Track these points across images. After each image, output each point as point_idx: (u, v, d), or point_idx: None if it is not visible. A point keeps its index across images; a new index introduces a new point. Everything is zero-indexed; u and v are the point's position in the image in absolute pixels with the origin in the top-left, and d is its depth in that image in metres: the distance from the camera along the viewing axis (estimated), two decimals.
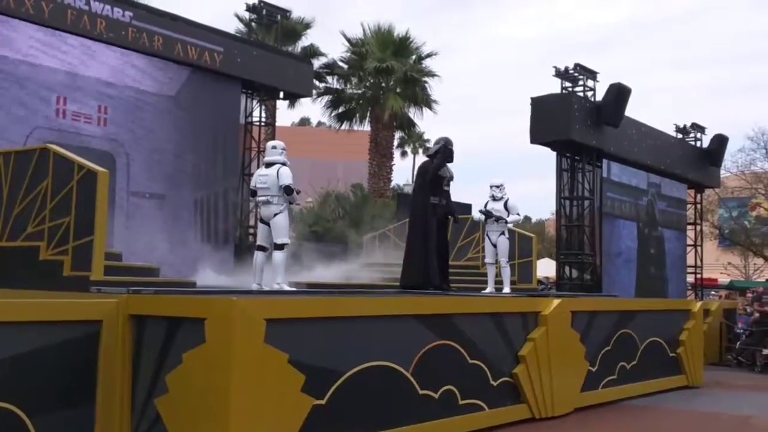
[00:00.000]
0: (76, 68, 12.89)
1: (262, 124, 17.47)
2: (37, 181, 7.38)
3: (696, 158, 21.75)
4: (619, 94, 16.94)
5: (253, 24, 18.47)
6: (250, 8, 17.46)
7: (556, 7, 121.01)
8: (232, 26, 25.43)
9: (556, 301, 8.98)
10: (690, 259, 22.25)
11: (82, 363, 5.58)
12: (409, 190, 39.37)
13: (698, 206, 23.27)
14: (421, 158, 46.58)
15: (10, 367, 5.05)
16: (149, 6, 15.06)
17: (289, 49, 25.33)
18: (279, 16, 17.98)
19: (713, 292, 28.14)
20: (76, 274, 6.89)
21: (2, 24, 11.98)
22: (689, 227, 22.56)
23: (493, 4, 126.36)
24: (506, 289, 11.20)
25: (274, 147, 8.98)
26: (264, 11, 17.42)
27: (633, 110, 18.16)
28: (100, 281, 6.75)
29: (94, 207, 6.87)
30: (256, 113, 17.09)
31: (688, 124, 22.09)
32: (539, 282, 18.75)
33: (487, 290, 11.21)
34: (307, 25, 27.66)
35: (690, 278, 22.60)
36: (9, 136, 11.78)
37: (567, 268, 17.84)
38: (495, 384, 7.91)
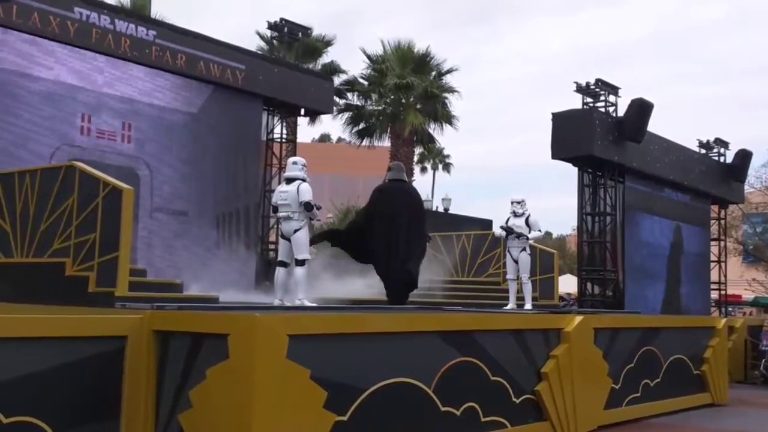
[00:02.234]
0: (101, 86, 13.05)
1: (283, 140, 17.57)
2: (63, 198, 7.47)
3: (719, 174, 21.58)
4: (641, 109, 16.88)
5: (274, 42, 18.61)
6: (271, 26, 17.60)
7: (578, 21, 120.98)
8: (254, 44, 25.65)
9: (578, 318, 8.94)
10: (714, 276, 22.04)
11: (108, 378, 5.62)
12: (429, 206, 39.38)
13: (722, 222, 23.06)
14: (442, 174, 46.73)
15: (37, 382, 5.11)
16: (173, 24, 15.22)
17: (310, 66, 25.48)
18: (300, 34, 18.10)
19: (737, 309, 27.81)
20: (102, 290, 6.95)
21: (28, 43, 12.17)
22: (713, 243, 22.35)
23: (515, 18, 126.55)
24: (528, 306, 11.16)
25: (294, 163, 9.05)
26: (285, 29, 17.56)
27: (655, 125, 18.09)
28: (124, 297, 6.80)
29: (119, 224, 6.94)
30: (277, 130, 17.19)
31: (712, 139, 21.94)
32: (561, 298, 18.64)
33: (509, 307, 11.18)
34: (328, 43, 27.82)
35: (714, 295, 22.37)
36: (35, 153, 11.93)
37: (589, 285, 17.74)
38: (517, 401, 7.87)
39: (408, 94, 28.41)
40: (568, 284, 24.36)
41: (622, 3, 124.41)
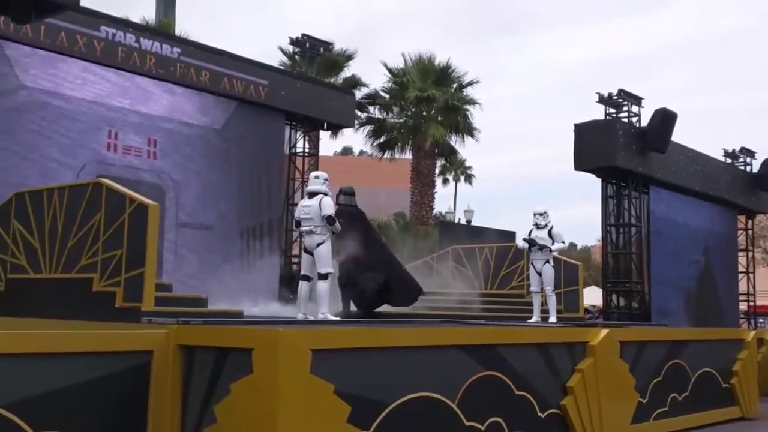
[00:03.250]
0: (127, 103, 13.24)
1: (306, 154, 17.69)
2: (91, 214, 7.57)
3: (746, 183, 21.37)
4: (664, 119, 16.79)
5: (296, 57, 18.78)
6: (293, 42, 17.76)
7: (601, 30, 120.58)
8: (276, 59, 25.88)
9: (604, 331, 8.86)
10: (742, 287, 21.78)
11: (134, 393, 5.67)
12: (451, 218, 39.32)
13: (749, 232, 22.81)
14: (464, 186, 46.63)
15: (65, 397, 5.17)
16: (197, 42, 15.42)
17: (332, 80, 25.64)
18: (321, 49, 18.26)
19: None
20: (128, 305, 7.03)
21: (56, 61, 12.38)
22: (741, 254, 22.11)
23: (537, 29, 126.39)
24: (552, 319, 11.10)
25: (317, 177, 9.11)
26: (307, 44, 17.71)
27: (680, 135, 18.00)
28: (151, 312, 6.87)
29: (145, 239, 7.01)
30: (299, 144, 17.33)
31: (737, 149, 21.74)
32: (586, 311, 18.52)
33: (533, 320, 11.13)
34: (349, 57, 27.97)
35: (742, 306, 22.10)
36: (63, 170, 12.13)
37: (614, 297, 17.61)
38: (542, 416, 7.81)
39: (429, 107, 28.48)
40: (593, 296, 24.18)
41: (646, 12, 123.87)
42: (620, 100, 17.25)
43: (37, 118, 12.17)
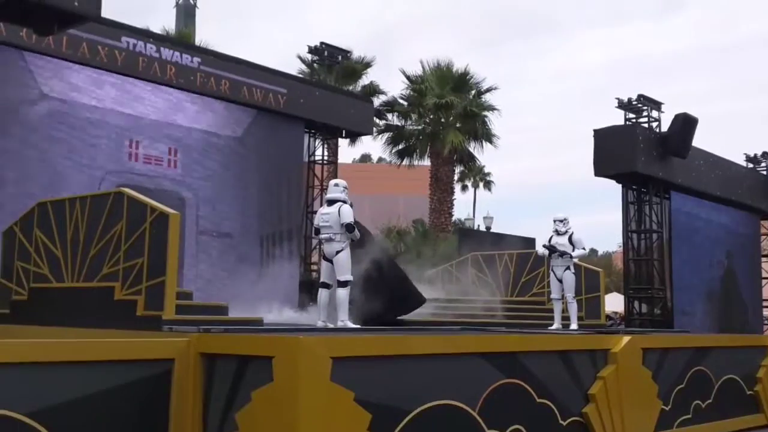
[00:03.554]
0: (147, 113, 13.35)
1: (325, 162, 17.74)
2: (112, 223, 7.62)
3: None
4: (685, 124, 16.67)
5: (315, 65, 18.84)
6: (312, 50, 17.84)
7: (620, 34, 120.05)
8: (295, 67, 26.01)
9: (626, 338, 8.80)
10: (766, 293, 21.55)
11: (155, 401, 5.71)
12: (471, 224, 39.22)
13: None
14: (483, 192, 46.53)
15: (86, 405, 5.21)
16: (216, 51, 15.52)
17: (350, 88, 25.71)
18: (340, 57, 18.31)
19: None
20: (149, 313, 7.06)
21: (77, 72, 12.50)
22: (764, 259, 21.88)
23: (555, 33, 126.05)
24: (573, 326, 11.05)
25: (336, 185, 9.13)
26: (325, 52, 17.77)
27: (701, 140, 17.86)
28: (172, 320, 6.90)
29: (166, 248, 7.05)
30: (318, 152, 17.38)
31: (759, 153, 21.54)
32: (608, 317, 18.39)
33: (554, 327, 11.08)
34: (368, 65, 28.05)
35: (766, 312, 21.86)
36: (84, 180, 12.23)
37: (636, 303, 17.49)
38: (564, 423, 7.76)
39: (447, 114, 28.48)
40: (614, 303, 24.02)
41: (664, 16, 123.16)
42: (640, 105, 17.16)
43: (59, 127, 12.29)
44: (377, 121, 27.33)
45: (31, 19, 8.66)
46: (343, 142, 22.79)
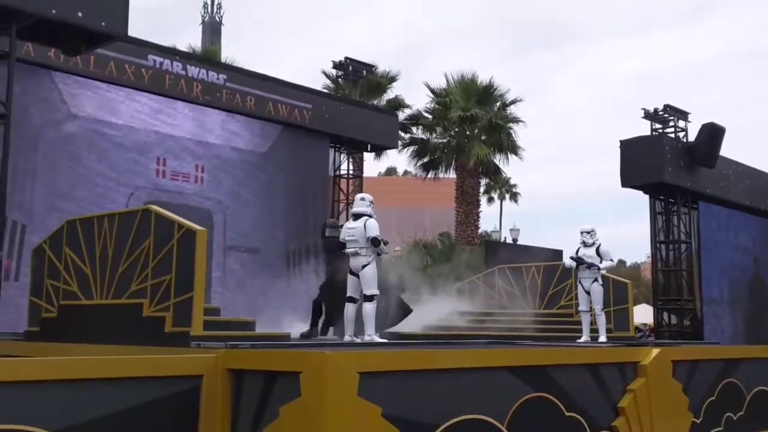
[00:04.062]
0: (175, 130, 13.50)
1: (350, 176, 17.80)
2: (140, 240, 7.69)
3: None
4: (712, 133, 16.53)
5: (339, 80, 18.95)
6: (336, 65, 17.96)
7: (647, 42, 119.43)
8: (320, 83, 26.14)
9: (655, 351, 8.71)
10: None
11: (184, 417, 5.73)
12: (497, 236, 39.08)
13: None
14: (509, 204, 46.41)
15: (116, 422, 5.25)
16: (242, 68, 15.70)
17: (375, 102, 25.79)
18: (364, 72, 18.41)
19: None
20: (178, 329, 7.10)
21: (105, 91, 12.70)
22: None
23: (582, 43, 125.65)
24: (602, 338, 10.94)
25: (362, 199, 9.15)
26: (350, 67, 17.88)
27: (729, 148, 17.70)
28: (199, 336, 6.94)
29: (193, 264, 7.10)
30: (344, 166, 17.45)
31: None
32: (637, 329, 18.20)
33: (582, 339, 10.98)
34: (392, 79, 28.11)
35: None
36: (113, 196, 12.40)
37: (666, 315, 17.30)
38: None
39: (472, 126, 28.45)
40: (644, 314, 23.75)
41: (692, 24, 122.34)
42: (666, 115, 17.05)
43: (87, 146, 12.48)
44: (402, 134, 27.36)
45: (60, 40, 8.85)
46: (368, 156, 22.84)
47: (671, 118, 17.10)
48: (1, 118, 8.15)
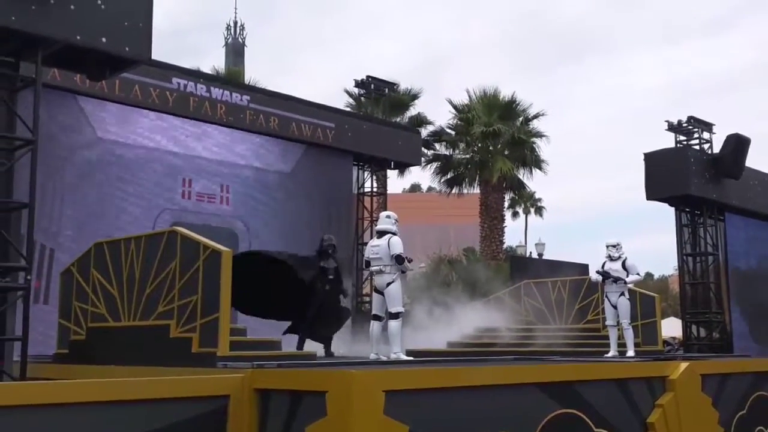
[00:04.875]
0: (199, 151, 13.65)
1: (374, 193, 17.84)
2: (167, 262, 7.77)
3: None
4: (737, 144, 16.40)
5: (362, 98, 19.05)
6: (358, 84, 18.06)
7: (668, 55, 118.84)
8: (342, 101, 26.30)
9: (683, 365, 8.62)
10: None
11: None
12: (522, 251, 38.91)
13: None
14: (534, 218, 46.23)
15: None
16: (265, 89, 15.85)
17: (398, 119, 25.88)
18: (386, 90, 18.49)
19: None
20: (204, 350, 7.15)
21: (130, 113, 12.87)
22: None
23: (604, 54, 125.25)
24: (630, 353, 10.85)
25: (388, 216, 9.18)
26: (372, 86, 17.98)
27: (756, 159, 17.55)
28: (226, 357, 6.99)
29: (219, 285, 7.16)
30: (367, 184, 17.51)
31: None
32: (665, 343, 17.99)
33: (610, 354, 10.90)
34: (414, 96, 28.21)
35: None
36: (140, 219, 12.54)
37: (694, 328, 17.10)
38: None
39: (495, 141, 28.43)
40: (672, 328, 23.48)
41: (717, 34, 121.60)
42: (690, 127, 16.93)
43: (113, 169, 12.65)
44: (425, 151, 27.42)
45: (85, 65, 8.99)
46: (392, 173, 22.96)
47: (695, 129, 16.99)
48: (28, 144, 8.27)
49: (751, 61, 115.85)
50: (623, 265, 11.02)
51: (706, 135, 17.08)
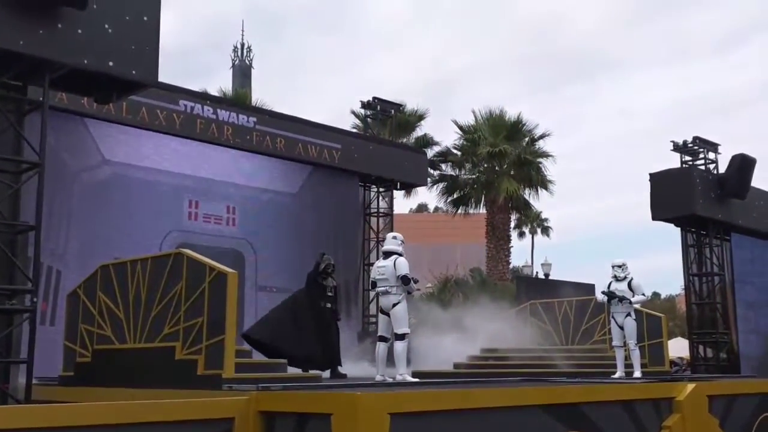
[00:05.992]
0: (206, 173, 13.72)
1: (381, 214, 17.87)
2: (173, 284, 7.79)
3: None
4: (743, 164, 16.38)
5: (368, 119, 19.13)
6: (365, 105, 18.14)
7: (675, 74, 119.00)
8: (348, 122, 26.40)
9: (690, 386, 8.58)
10: None
11: None
12: (528, 271, 38.80)
13: None
14: (541, 238, 46.15)
15: None
16: (272, 111, 15.94)
17: (404, 140, 25.98)
18: (393, 111, 18.57)
19: None
20: (209, 372, 7.16)
21: (137, 136, 12.95)
22: None
23: (611, 74, 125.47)
24: (637, 374, 10.80)
25: (394, 237, 9.19)
26: (378, 107, 18.05)
27: (761, 179, 17.53)
28: (231, 379, 6.99)
29: (225, 307, 7.17)
30: (374, 204, 17.53)
31: None
32: (673, 363, 17.90)
33: (617, 375, 10.85)
34: (421, 117, 28.32)
35: None
36: (146, 240, 12.56)
37: (701, 348, 17.01)
38: None
39: (501, 162, 28.48)
40: (679, 348, 23.35)
41: (723, 54, 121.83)
42: (696, 147, 16.94)
43: (120, 191, 12.71)
44: (431, 171, 27.48)
45: (92, 89, 9.05)
46: (398, 194, 23.00)
47: (701, 150, 16.99)
48: (35, 166, 8.33)
49: (759, 81, 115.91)
50: (629, 285, 10.99)
51: (711, 155, 17.08)
